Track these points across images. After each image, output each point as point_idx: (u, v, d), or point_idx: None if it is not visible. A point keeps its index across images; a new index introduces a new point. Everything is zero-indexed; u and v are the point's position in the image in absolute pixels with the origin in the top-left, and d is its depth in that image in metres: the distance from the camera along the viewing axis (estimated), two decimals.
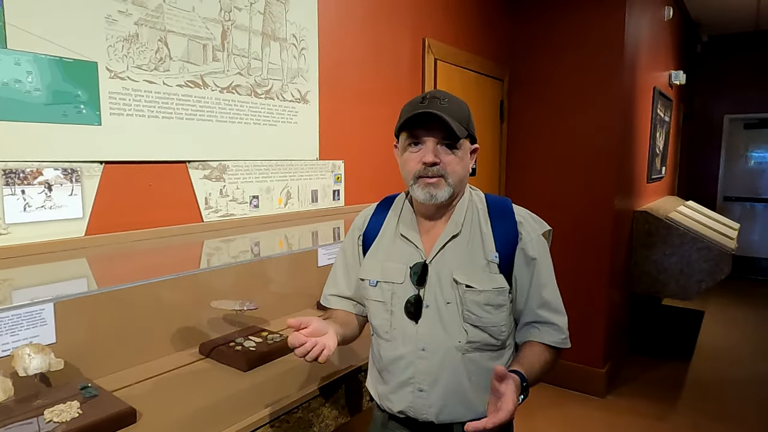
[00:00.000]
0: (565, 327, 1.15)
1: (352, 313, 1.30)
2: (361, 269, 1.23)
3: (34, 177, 1.24)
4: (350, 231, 1.32)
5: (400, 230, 1.20)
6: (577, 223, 3.30)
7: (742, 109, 6.23)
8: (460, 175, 1.11)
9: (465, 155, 1.12)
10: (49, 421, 1.07)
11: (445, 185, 1.10)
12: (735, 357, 3.98)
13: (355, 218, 1.32)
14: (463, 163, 1.12)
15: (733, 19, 5.40)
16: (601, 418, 3.05)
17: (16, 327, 1.20)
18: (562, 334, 1.14)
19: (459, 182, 1.12)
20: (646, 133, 3.96)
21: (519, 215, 1.16)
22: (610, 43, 3.15)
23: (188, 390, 1.32)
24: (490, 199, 1.20)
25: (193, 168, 1.59)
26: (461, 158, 1.11)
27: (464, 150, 1.12)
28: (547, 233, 1.18)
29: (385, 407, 1.20)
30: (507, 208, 1.17)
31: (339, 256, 1.33)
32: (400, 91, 2.50)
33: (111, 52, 1.36)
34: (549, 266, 1.17)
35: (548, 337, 1.13)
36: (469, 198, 1.19)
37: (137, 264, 1.41)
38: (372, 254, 1.23)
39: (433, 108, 1.06)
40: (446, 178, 1.09)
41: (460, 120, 1.08)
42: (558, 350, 1.15)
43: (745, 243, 6.02)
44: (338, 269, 1.32)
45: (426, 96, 1.10)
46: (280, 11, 1.84)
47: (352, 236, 1.30)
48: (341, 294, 1.30)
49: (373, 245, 1.23)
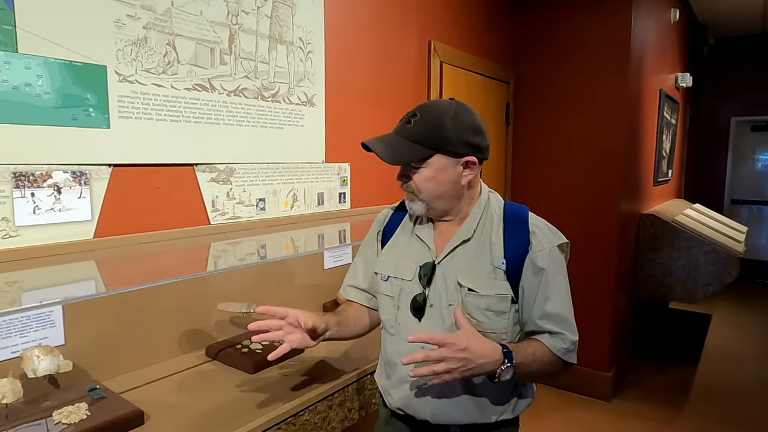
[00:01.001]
0: (569, 341, 1.11)
1: (365, 306, 1.33)
2: (377, 263, 1.26)
3: (44, 180, 1.25)
4: (373, 226, 1.36)
5: (416, 230, 1.22)
6: (583, 226, 3.29)
7: (749, 111, 6.20)
8: (431, 192, 1.12)
9: (439, 172, 1.10)
10: (58, 422, 1.07)
11: (417, 200, 1.14)
12: (742, 361, 3.95)
13: (378, 216, 1.36)
14: (435, 179, 1.10)
15: (740, 21, 5.38)
16: (606, 422, 3.03)
17: (25, 329, 1.21)
18: (564, 345, 1.11)
19: (434, 198, 1.13)
20: (653, 136, 3.95)
21: (534, 225, 1.15)
22: (616, 46, 3.14)
23: (195, 392, 1.33)
24: (508, 207, 1.19)
25: (200, 171, 1.60)
26: (432, 175, 1.10)
27: (436, 167, 1.10)
28: (563, 246, 1.16)
29: (387, 402, 1.22)
30: (523, 216, 1.16)
31: (360, 249, 1.37)
32: (406, 94, 2.50)
33: (120, 55, 1.37)
34: (560, 279, 1.13)
35: (550, 341, 1.11)
36: (487, 203, 1.18)
37: (145, 266, 1.42)
38: (388, 250, 1.26)
39: (397, 132, 1.10)
40: (417, 194, 1.13)
41: (423, 140, 1.08)
42: (563, 362, 1.12)
43: (753, 246, 5.97)
44: (358, 261, 1.37)
45: (408, 114, 1.12)
46: (287, 15, 1.85)
47: (373, 231, 1.34)
48: (358, 285, 1.34)
49: (390, 241, 1.27)
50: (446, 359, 0.98)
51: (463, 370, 0.99)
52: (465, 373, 1.00)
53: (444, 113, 1.09)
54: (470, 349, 0.99)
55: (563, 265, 1.15)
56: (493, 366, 1.01)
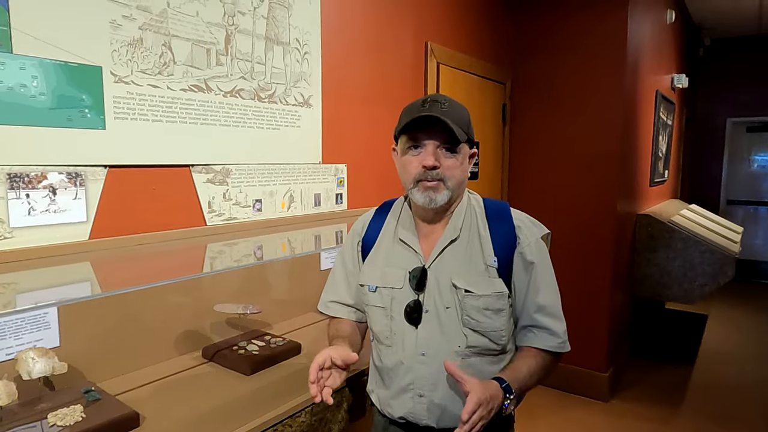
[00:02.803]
0: (561, 332, 1.14)
1: (353, 321, 1.29)
2: (361, 275, 1.23)
3: (39, 181, 1.24)
4: (349, 237, 1.31)
5: (399, 235, 1.19)
6: (580, 226, 3.29)
7: (745, 112, 6.22)
8: (458, 180, 1.12)
9: (464, 159, 1.13)
10: (53, 424, 1.07)
11: (444, 189, 1.10)
12: (738, 360, 3.97)
13: (354, 224, 1.32)
14: (462, 167, 1.12)
15: (736, 22, 5.40)
16: (604, 422, 3.03)
17: (20, 330, 1.20)
18: (558, 339, 1.14)
19: (458, 186, 1.13)
20: (649, 137, 3.96)
21: (517, 219, 1.16)
22: (613, 47, 3.16)
23: (191, 394, 1.32)
24: (488, 204, 1.20)
25: (196, 172, 1.60)
26: (461, 162, 1.11)
27: (464, 154, 1.12)
28: (545, 236, 1.18)
29: (386, 413, 1.20)
30: (505, 212, 1.17)
31: (338, 262, 1.32)
32: (403, 95, 2.50)
33: (115, 56, 1.36)
34: (548, 270, 1.16)
35: (543, 341, 1.13)
36: (468, 202, 1.19)
37: (141, 268, 1.41)
38: (371, 260, 1.22)
39: (435, 112, 1.06)
40: (445, 182, 1.09)
41: (461, 124, 1.08)
42: (556, 354, 1.15)
43: (749, 246, 6.00)
44: (338, 275, 1.31)
45: (427, 99, 1.10)
46: (284, 16, 1.85)
47: (351, 242, 1.29)
48: (342, 301, 1.30)
49: (372, 250, 1.23)
50: (482, 418, 0.96)
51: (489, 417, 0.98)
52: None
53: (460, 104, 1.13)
54: (492, 397, 0.98)
55: (548, 255, 1.18)
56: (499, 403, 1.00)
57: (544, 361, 1.13)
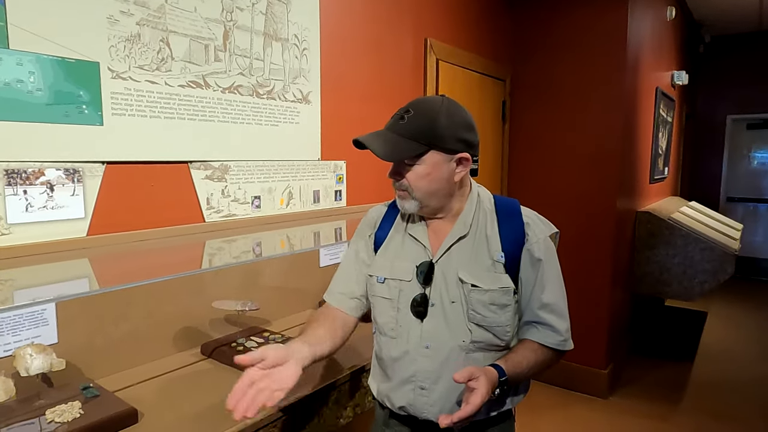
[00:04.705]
0: (563, 330, 1.15)
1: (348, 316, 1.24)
2: (371, 266, 1.24)
3: (36, 177, 1.24)
4: (361, 229, 1.31)
5: (409, 230, 1.21)
6: (580, 223, 3.29)
7: (745, 109, 6.21)
8: (425, 189, 1.11)
9: (433, 168, 1.10)
10: (51, 421, 1.07)
11: (410, 198, 1.13)
12: (738, 358, 3.97)
13: (367, 215, 1.32)
14: (430, 176, 1.10)
15: (736, 19, 5.39)
16: (603, 419, 3.04)
17: (17, 327, 1.20)
18: (560, 337, 1.14)
19: (428, 196, 1.12)
20: (649, 134, 3.95)
21: (527, 216, 1.17)
22: (613, 43, 3.15)
23: (190, 390, 1.32)
24: (498, 200, 1.21)
25: (194, 168, 1.59)
26: (427, 172, 1.10)
27: (430, 163, 1.09)
28: (554, 235, 1.19)
29: (386, 404, 1.21)
30: (515, 208, 1.18)
31: (350, 253, 1.30)
32: (402, 92, 2.50)
33: (113, 52, 1.36)
34: (554, 268, 1.17)
35: (545, 337, 1.14)
36: (478, 198, 1.19)
37: (139, 264, 1.41)
38: (382, 252, 1.23)
39: (390, 128, 1.10)
40: (410, 192, 1.12)
41: (418, 136, 1.07)
42: (557, 351, 1.16)
43: (748, 244, 6.00)
44: (350, 266, 1.29)
45: (401, 110, 1.11)
46: (282, 11, 1.84)
47: (364, 234, 1.29)
48: (352, 294, 1.26)
49: (384, 243, 1.24)
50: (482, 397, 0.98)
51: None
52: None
53: (437, 109, 1.08)
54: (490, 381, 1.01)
55: (555, 254, 1.19)
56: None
57: (544, 356, 1.14)
